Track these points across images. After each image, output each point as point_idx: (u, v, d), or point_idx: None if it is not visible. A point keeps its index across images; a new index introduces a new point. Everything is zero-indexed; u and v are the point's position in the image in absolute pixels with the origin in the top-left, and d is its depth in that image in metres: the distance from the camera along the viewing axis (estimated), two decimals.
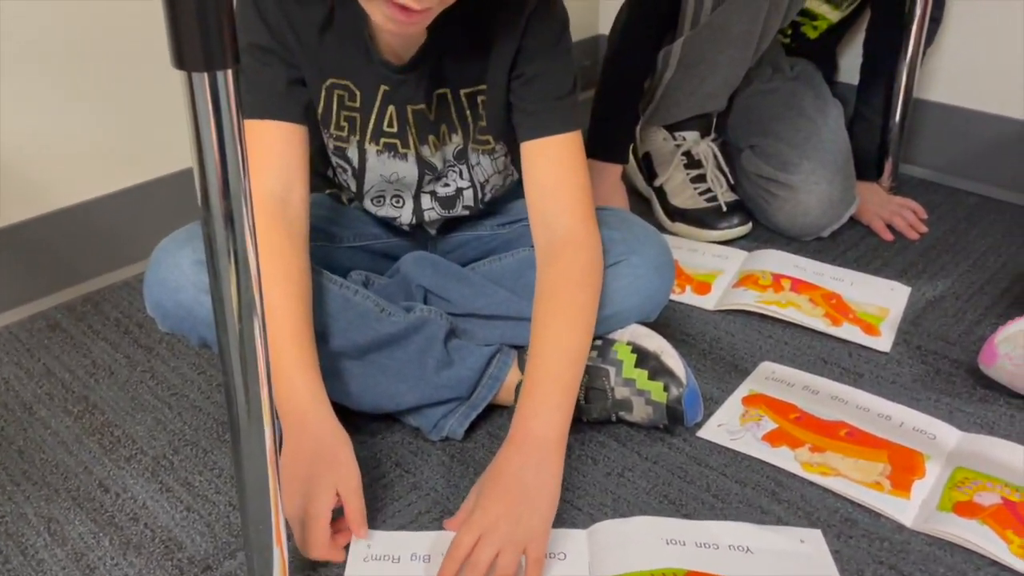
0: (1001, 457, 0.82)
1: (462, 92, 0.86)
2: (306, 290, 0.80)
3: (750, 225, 1.24)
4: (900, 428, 0.87)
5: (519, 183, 0.90)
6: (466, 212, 0.95)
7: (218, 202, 0.51)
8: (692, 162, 1.26)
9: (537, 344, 0.80)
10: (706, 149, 1.26)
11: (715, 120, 1.28)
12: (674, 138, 1.27)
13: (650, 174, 1.31)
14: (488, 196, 0.96)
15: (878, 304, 1.07)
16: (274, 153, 0.82)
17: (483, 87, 0.86)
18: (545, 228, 0.84)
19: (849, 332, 1.02)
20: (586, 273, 0.82)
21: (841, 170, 1.19)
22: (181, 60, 0.47)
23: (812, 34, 1.30)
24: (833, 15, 1.27)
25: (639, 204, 1.31)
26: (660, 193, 1.29)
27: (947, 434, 0.86)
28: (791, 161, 1.18)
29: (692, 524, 0.77)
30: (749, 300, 1.07)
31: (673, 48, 1.19)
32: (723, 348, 1.01)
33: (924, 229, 1.23)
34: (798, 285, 1.10)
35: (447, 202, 0.93)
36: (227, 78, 0.48)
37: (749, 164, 1.24)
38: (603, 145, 1.24)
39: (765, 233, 1.24)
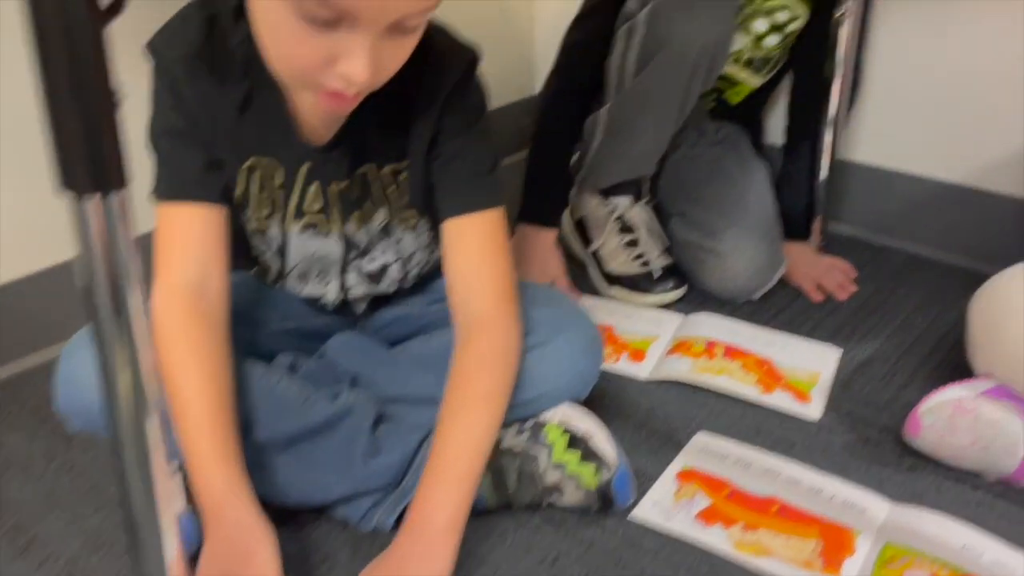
0: (930, 532, 0.83)
1: (385, 169, 0.86)
2: (224, 381, 0.78)
3: (684, 288, 1.24)
4: (831, 502, 0.87)
5: None
6: (393, 288, 0.94)
7: (110, 320, 0.49)
8: (626, 227, 1.27)
9: (440, 431, 0.79)
10: (639, 214, 1.27)
11: (647, 184, 1.29)
12: (607, 203, 1.28)
13: (585, 239, 1.31)
14: (415, 271, 0.95)
15: (809, 369, 1.08)
16: (191, 239, 0.80)
17: (405, 163, 0.86)
18: (462, 310, 0.84)
19: (781, 399, 1.03)
20: (498, 357, 0.82)
21: (767, 235, 1.21)
22: (68, 181, 0.46)
23: (735, 99, 1.33)
24: (754, 80, 1.29)
25: (576, 268, 1.31)
26: (596, 258, 1.29)
27: (877, 507, 0.86)
28: (717, 228, 1.20)
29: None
30: (683, 369, 1.07)
31: (600, 115, 1.20)
32: (657, 420, 1.01)
33: (853, 289, 1.25)
34: (731, 352, 1.10)
35: (373, 278, 0.92)
36: (116, 199, 0.46)
37: (679, 231, 1.26)
38: (536, 210, 1.25)
39: (700, 296, 1.24)
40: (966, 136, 1.27)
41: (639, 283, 1.24)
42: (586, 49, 1.21)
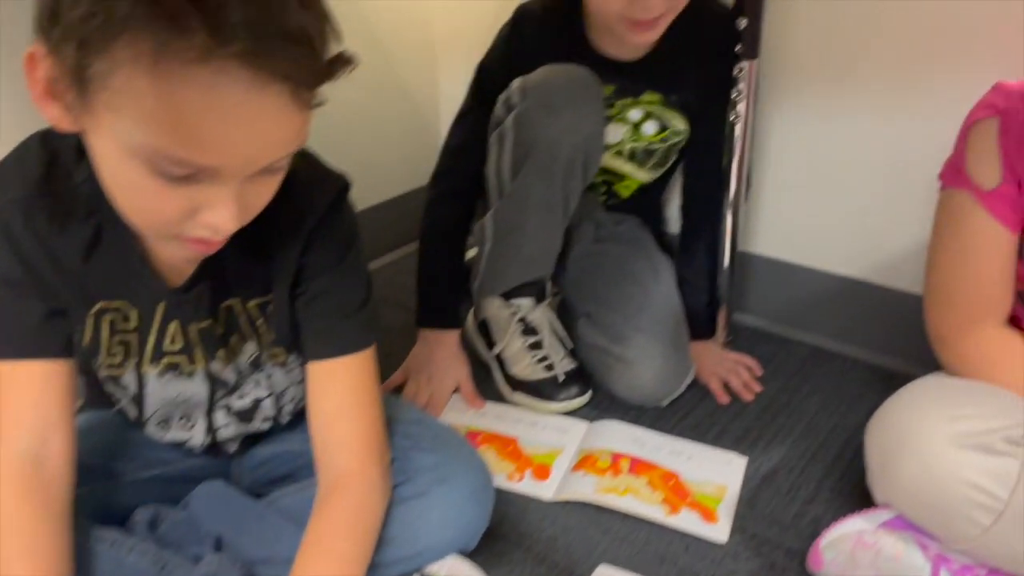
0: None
1: (250, 304, 0.80)
2: (60, 566, 0.70)
3: (589, 394, 1.20)
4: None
5: None
6: (267, 426, 0.88)
7: None
8: (529, 328, 1.23)
9: None
10: (541, 316, 1.23)
11: (550, 284, 1.25)
12: (509, 305, 1.23)
13: (489, 341, 1.27)
14: (290, 407, 0.88)
15: (716, 482, 1.05)
16: (27, 401, 0.72)
17: (270, 298, 0.80)
18: (324, 464, 0.79)
19: (687, 520, 0.99)
20: (357, 520, 0.77)
21: (674, 341, 1.18)
22: None
23: (625, 192, 1.30)
24: (641, 174, 1.27)
25: (480, 371, 1.26)
26: (500, 361, 1.25)
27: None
28: (624, 334, 1.17)
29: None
30: (588, 490, 1.02)
31: (486, 221, 1.18)
32: (559, 551, 0.95)
33: (758, 388, 1.23)
34: (636, 465, 1.06)
35: (245, 415, 0.86)
36: None
37: (585, 333, 1.22)
38: (432, 315, 1.21)
39: (606, 400, 1.21)
40: (862, 231, 1.27)
41: (543, 389, 1.19)
42: (462, 153, 1.20)
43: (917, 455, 0.80)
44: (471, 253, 1.45)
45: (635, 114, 1.20)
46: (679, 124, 1.22)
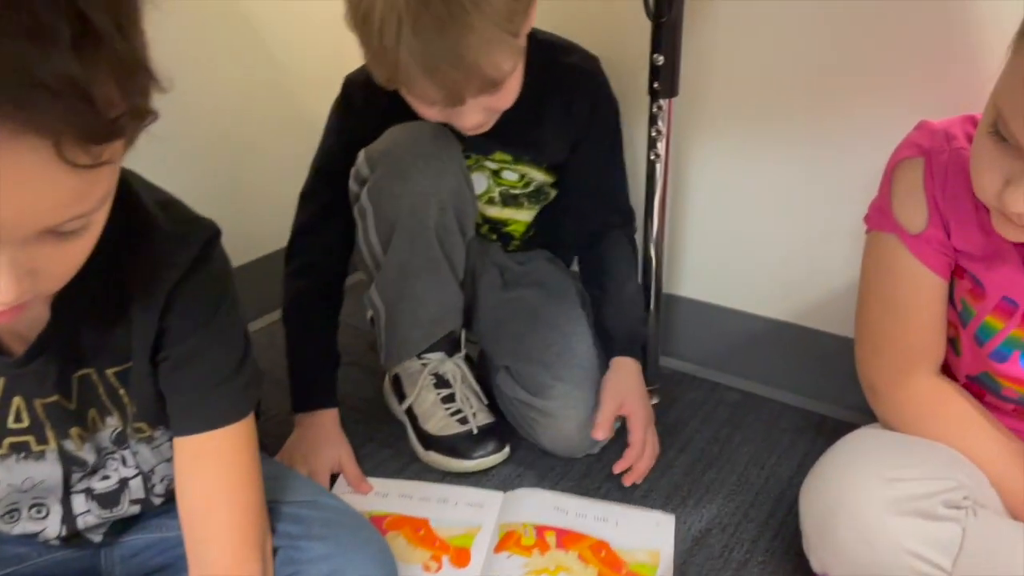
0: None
1: (109, 371, 0.70)
2: None
3: (507, 450, 1.12)
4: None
5: None
6: (137, 509, 0.77)
7: None
8: (441, 381, 1.14)
9: None
10: (453, 368, 1.15)
11: (463, 336, 1.17)
12: (421, 358, 1.15)
13: (401, 395, 1.18)
14: (161, 487, 0.78)
15: (648, 548, 0.97)
16: None
17: (130, 365, 0.70)
18: (194, 559, 0.69)
19: None
20: None
21: (596, 386, 1.11)
22: None
23: (517, 233, 1.22)
24: (521, 215, 1.20)
25: (396, 427, 1.17)
26: (412, 416, 1.16)
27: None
28: (544, 385, 1.09)
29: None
30: (516, 574, 0.93)
31: (372, 296, 1.11)
32: None
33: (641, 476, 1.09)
34: (563, 538, 0.97)
35: (109, 499, 0.75)
36: None
37: (505, 387, 1.14)
38: (306, 399, 1.11)
39: (527, 456, 1.13)
40: (788, 271, 1.23)
41: (457, 446, 1.11)
42: (312, 230, 1.12)
43: (854, 522, 0.74)
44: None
45: (491, 163, 1.14)
46: (539, 175, 1.16)
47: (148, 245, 0.64)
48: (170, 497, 0.78)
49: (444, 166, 1.03)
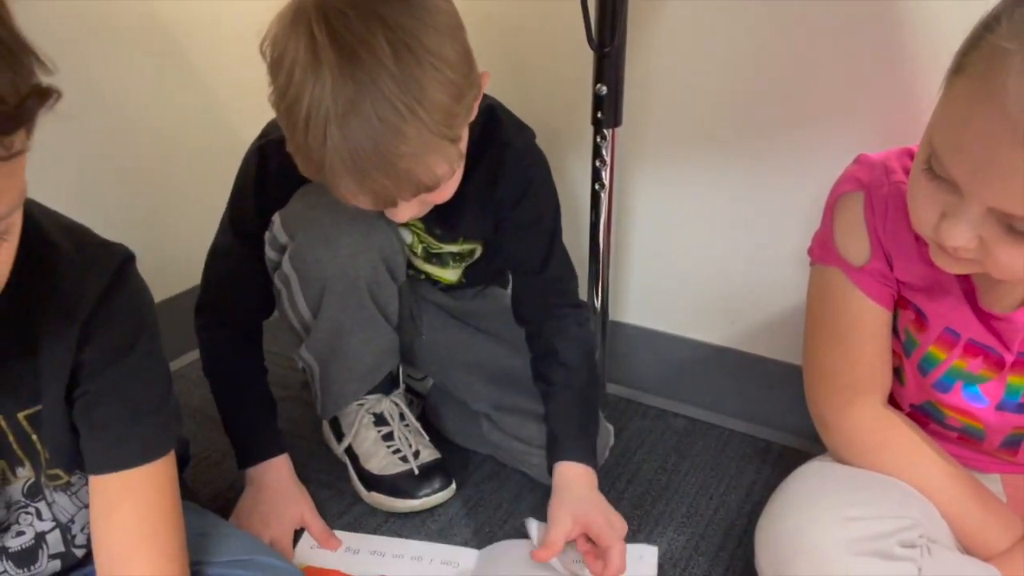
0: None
1: (20, 416, 0.65)
2: None
3: (453, 487, 1.09)
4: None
5: None
6: (58, 564, 0.72)
7: None
8: (380, 419, 1.11)
9: None
10: (391, 407, 1.11)
11: (400, 373, 1.14)
12: (355, 399, 1.11)
13: (340, 435, 1.13)
14: (83, 538, 0.73)
15: None
16: None
17: (40, 408, 0.66)
18: None
19: None
20: None
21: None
22: None
23: (448, 280, 1.16)
24: (447, 274, 1.14)
25: (337, 466, 1.13)
26: (352, 457, 1.11)
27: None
28: (537, 433, 1.06)
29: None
30: None
31: (303, 355, 1.06)
32: None
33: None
34: None
35: (26, 557, 0.70)
36: None
37: (494, 436, 1.12)
38: (247, 451, 1.05)
39: (477, 492, 1.10)
40: (731, 297, 1.23)
41: (399, 486, 1.07)
42: (226, 286, 1.05)
43: (812, 565, 0.73)
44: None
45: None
46: (453, 248, 1.09)
47: (52, 274, 0.60)
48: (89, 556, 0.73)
49: (372, 222, 0.97)
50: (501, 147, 0.97)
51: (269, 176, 0.99)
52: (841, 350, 0.87)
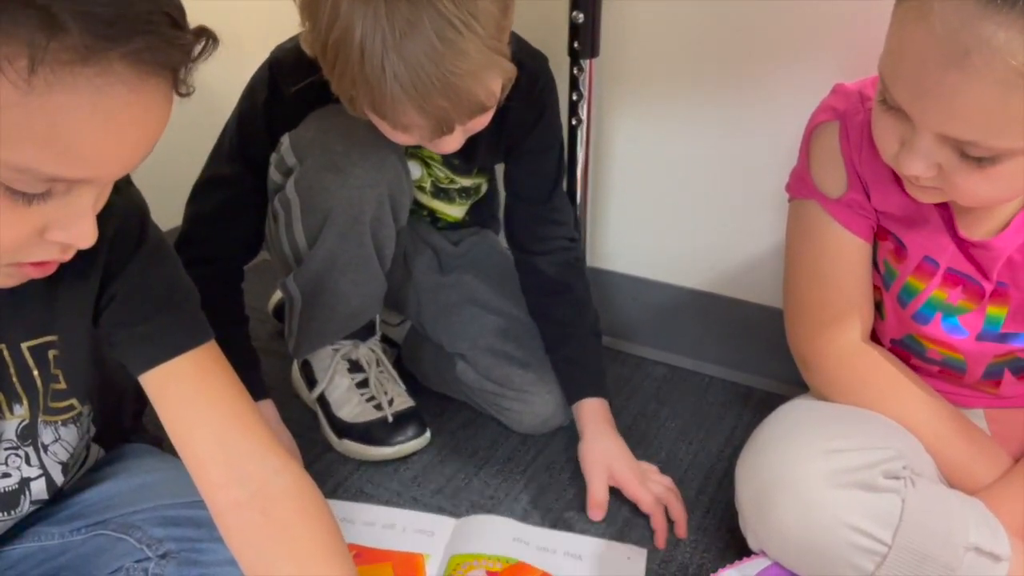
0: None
1: (24, 346, 0.64)
2: None
3: (428, 435, 1.07)
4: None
5: None
6: (35, 508, 0.70)
7: None
8: (355, 366, 1.08)
9: None
10: (368, 353, 1.08)
11: (378, 320, 1.11)
12: (332, 341, 1.08)
13: (312, 382, 1.10)
14: (71, 481, 0.72)
15: None
16: None
17: (53, 338, 0.64)
18: (225, 480, 0.65)
19: None
20: (320, 528, 0.66)
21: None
22: None
23: (450, 218, 1.15)
24: (452, 210, 1.13)
25: (307, 416, 1.10)
26: (324, 404, 1.08)
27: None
28: (512, 374, 1.05)
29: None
30: None
31: (288, 283, 1.02)
32: None
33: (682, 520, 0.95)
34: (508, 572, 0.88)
35: (7, 501, 0.67)
36: None
37: (467, 377, 1.09)
38: None
39: (452, 439, 1.07)
40: (712, 241, 1.20)
41: (372, 433, 1.04)
42: (218, 221, 1.00)
43: (794, 497, 0.71)
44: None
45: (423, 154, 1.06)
46: (465, 181, 1.09)
47: None
48: (52, 500, 0.71)
49: (384, 155, 0.94)
50: (515, 67, 0.94)
51: (281, 99, 0.95)
52: (820, 285, 0.85)
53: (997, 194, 0.68)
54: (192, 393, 0.67)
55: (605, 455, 0.98)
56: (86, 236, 0.54)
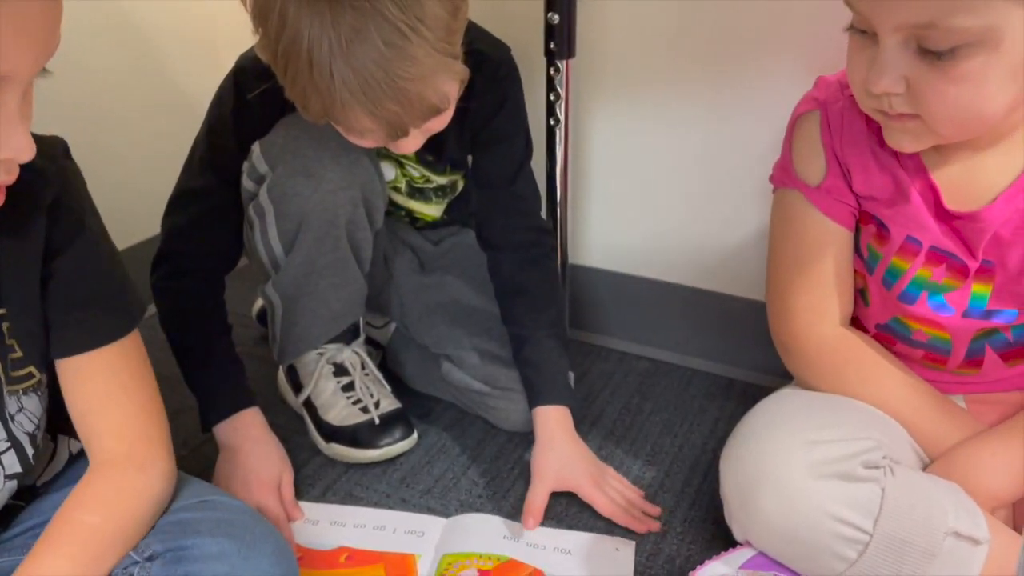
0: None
1: None
2: None
3: (415, 437, 1.07)
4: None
5: None
6: (14, 484, 0.70)
7: None
8: (340, 369, 1.08)
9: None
10: (352, 357, 1.08)
11: (362, 323, 1.11)
12: (316, 346, 1.08)
13: (297, 387, 1.11)
14: (43, 470, 0.75)
15: None
16: None
17: (2, 311, 0.65)
18: (90, 451, 0.71)
19: None
20: (116, 498, 0.68)
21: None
22: None
23: (429, 218, 1.15)
24: (429, 209, 1.13)
25: (293, 421, 1.10)
26: (311, 408, 1.09)
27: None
28: (498, 374, 1.06)
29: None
30: None
31: (268, 292, 1.02)
32: None
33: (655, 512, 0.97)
34: (500, 569, 0.88)
35: None
36: None
37: (453, 377, 1.09)
38: (215, 406, 1.00)
39: (441, 439, 1.08)
40: (692, 236, 1.21)
41: (360, 436, 1.04)
42: (194, 233, 1.00)
43: (777, 489, 0.73)
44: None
45: (395, 154, 1.05)
46: (440, 179, 1.08)
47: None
48: (33, 494, 0.74)
49: (356, 157, 0.94)
50: (477, 57, 0.94)
51: (247, 107, 0.95)
52: (801, 272, 0.86)
53: (967, 102, 0.68)
54: (103, 385, 0.70)
55: (554, 463, 0.97)
56: (24, 147, 0.55)
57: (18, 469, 0.69)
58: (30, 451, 0.70)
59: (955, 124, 0.70)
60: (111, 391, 0.71)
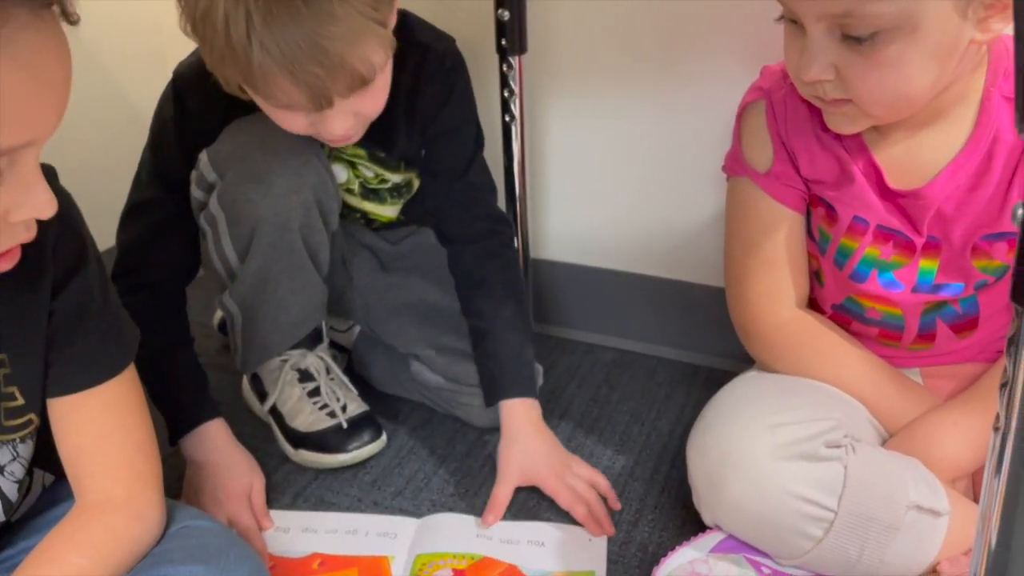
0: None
1: None
2: None
3: (384, 439, 1.07)
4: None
5: None
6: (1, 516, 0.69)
7: None
8: (305, 375, 1.07)
9: None
10: (316, 362, 1.08)
11: (324, 327, 1.10)
12: (278, 353, 1.07)
13: (262, 395, 1.10)
14: (20, 508, 0.71)
15: (581, 570, 0.88)
16: None
17: (1, 356, 0.64)
18: (81, 490, 0.69)
19: None
20: (105, 540, 0.67)
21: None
22: None
23: (384, 219, 1.13)
24: (384, 210, 1.11)
25: (261, 430, 1.09)
26: (277, 416, 1.08)
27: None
28: (466, 371, 1.05)
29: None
30: None
31: (224, 298, 1.01)
32: None
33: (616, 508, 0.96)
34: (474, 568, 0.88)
35: None
36: None
37: (422, 376, 1.09)
38: (180, 418, 0.98)
39: (410, 440, 1.08)
40: (650, 226, 1.22)
41: (328, 441, 1.04)
42: (146, 247, 0.98)
43: (742, 473, 0.74)
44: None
45: (346, 156, 1.04)
46: (395, 176, 1.07)
47: None
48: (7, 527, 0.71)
49: (305, 160, 0.93)
50: (421, 50, 0.94)
51: (189, 114, 0.94)
52: (756, 257, 0.88)
53: (892, 84, 0.70)
54: (86, 424, 0.68)
55: (517, 458, 0.97)
56: (47, 204, 0.54)
57: (1, 518, 0.69)
58: (13, 498, 0.69)
59: (884, 106, 0.73)
60: (106, 430, 0.69)
